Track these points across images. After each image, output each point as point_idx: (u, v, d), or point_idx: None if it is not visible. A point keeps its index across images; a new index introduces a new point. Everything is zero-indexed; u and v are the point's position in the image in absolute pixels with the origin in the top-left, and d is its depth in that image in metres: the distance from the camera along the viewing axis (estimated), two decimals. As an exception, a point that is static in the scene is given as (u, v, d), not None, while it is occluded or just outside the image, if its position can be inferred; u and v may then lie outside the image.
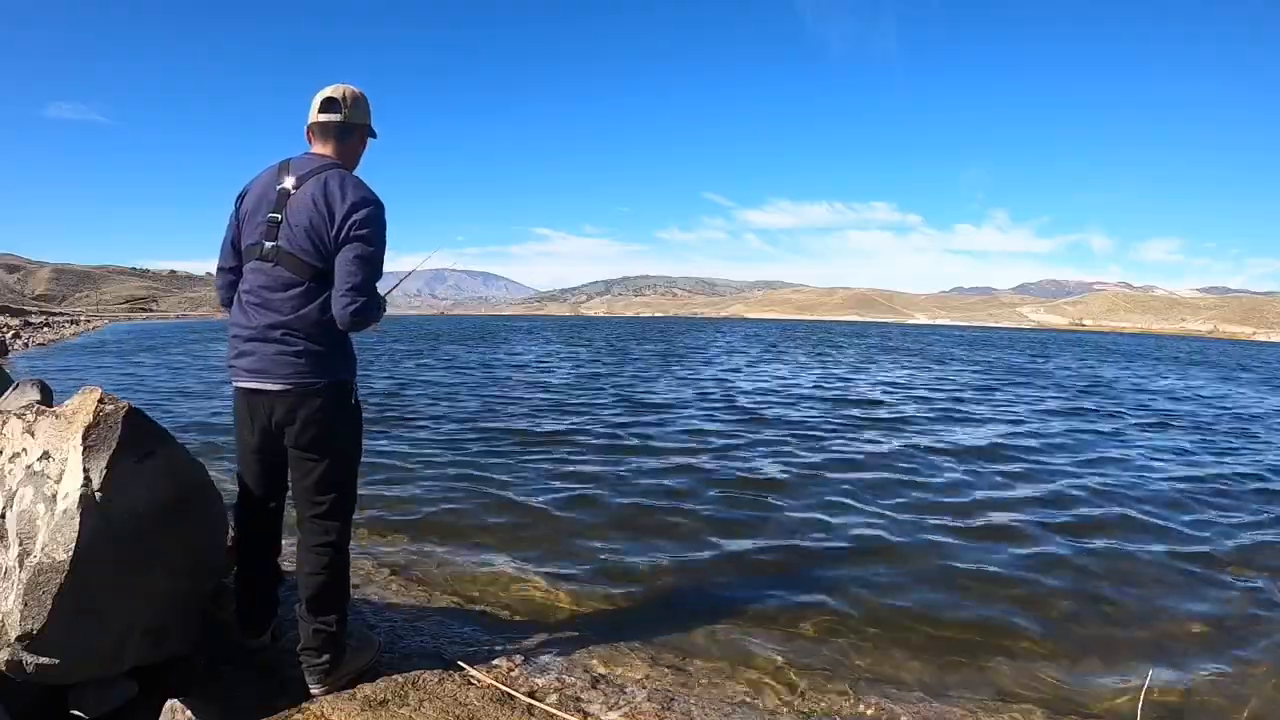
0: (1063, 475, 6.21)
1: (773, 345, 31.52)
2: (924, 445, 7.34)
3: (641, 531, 4.34)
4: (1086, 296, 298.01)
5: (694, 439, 7.46)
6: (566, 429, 7.92)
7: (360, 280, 1.99)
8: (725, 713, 2.36)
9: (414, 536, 4.13)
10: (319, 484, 2.13)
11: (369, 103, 2.20)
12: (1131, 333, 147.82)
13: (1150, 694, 2.65)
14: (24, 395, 2.95)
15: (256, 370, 2.06)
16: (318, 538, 2.16)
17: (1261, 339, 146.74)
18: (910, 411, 10.10)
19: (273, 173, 2.12)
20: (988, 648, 3.01)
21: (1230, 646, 3.11)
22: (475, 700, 2.20)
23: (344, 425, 2.15)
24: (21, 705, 1.94)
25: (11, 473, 1.96)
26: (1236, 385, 17.22)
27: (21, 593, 1.78)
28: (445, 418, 8.53)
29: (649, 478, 5.69)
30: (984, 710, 2.54)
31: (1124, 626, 3.28)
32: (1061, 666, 2.88)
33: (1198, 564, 4.06)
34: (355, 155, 2.21)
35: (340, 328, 2.04)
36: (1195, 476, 6.29)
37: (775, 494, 5.31)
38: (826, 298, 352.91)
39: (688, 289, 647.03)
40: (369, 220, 2.01)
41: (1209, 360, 30.74)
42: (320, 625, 2.14)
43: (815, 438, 7.71)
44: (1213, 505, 5.35)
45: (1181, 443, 8.14)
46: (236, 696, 2.12)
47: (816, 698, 2.56)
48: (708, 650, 2.87)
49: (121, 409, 1.96)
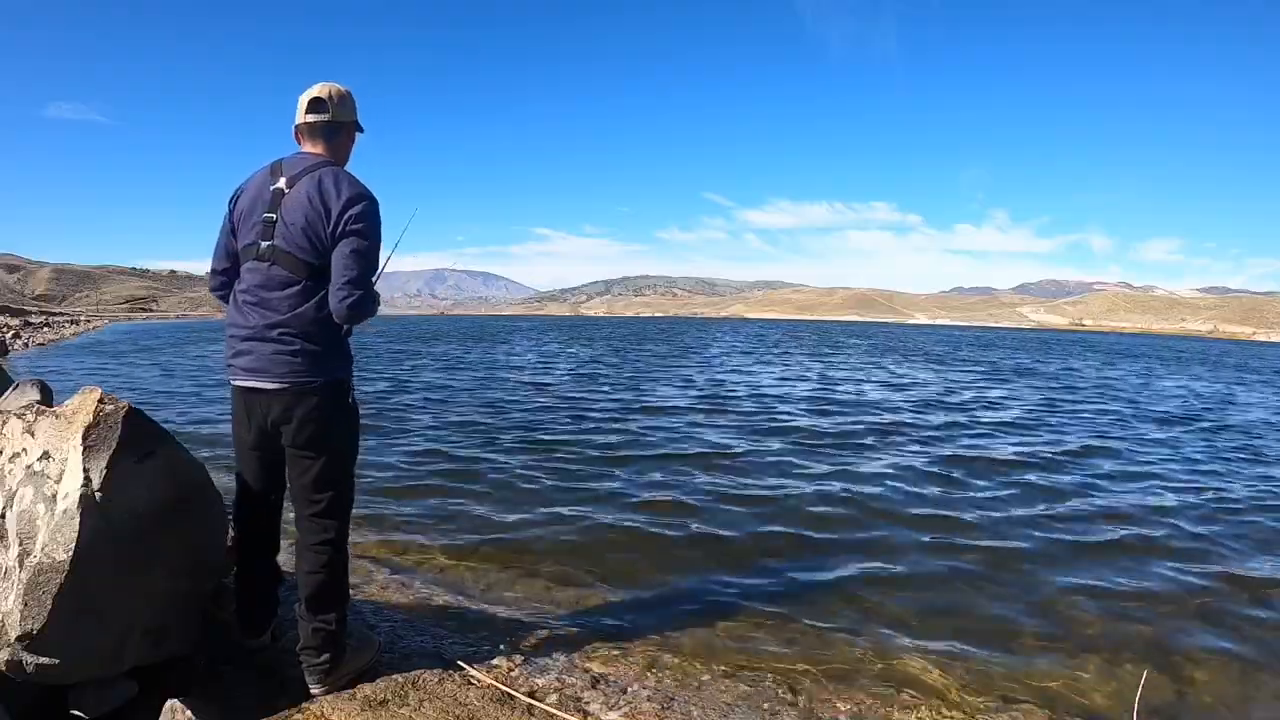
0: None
1: (775, 344, 31.40)
2: (947, 455, 7.33)
3: (642, 532, 4.34)
4: (1086, 296, 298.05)
5: (696, 440, 7.47)
6: (566, 430, 7.93)
7: (357, 274, 2.01)
8: (725, 713, 2.36)
9: (414, 537, 4.13)
10: (316, 482, 2.15)
11: (354, 99, 2.23)
12: (1132, 333, 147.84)
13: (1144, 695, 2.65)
14: (24, 395, 2.94)
15: (254, 369, 2.07)
16: (316, 536, 2.17)
17: (1261, 339, 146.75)
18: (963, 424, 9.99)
19: (265, 174, 2.13)
20: (990, 649, 3.01)
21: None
22: (475, 700, 2.20)
23: (340, 424, 2.16)
24: (21, 705, 1.94)
25: (11, 473, 1.96)
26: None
27: (21, 593, 1.78)
28: (444, 419, 8.54)
29: (650, 479, 5.69)
30: (985, 710, 2.54)
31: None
32: (1066, 665, 2.89)
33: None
34: (345, 152, 2.24)
35: (337, 320, 2.05)
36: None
37: (774, 494, 5.31)
38: (826, 298, 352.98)
39: (688, 289, 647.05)
40: (364, 215, 2.03)
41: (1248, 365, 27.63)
42: (320, 624, 2.15)
43: (810, 441, 7.70)
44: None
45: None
46: (236, 696, 2.12)
47: (816, 698, 2.56)
48: (708, 650, 2.87)
49: (121, 409, 1.96)
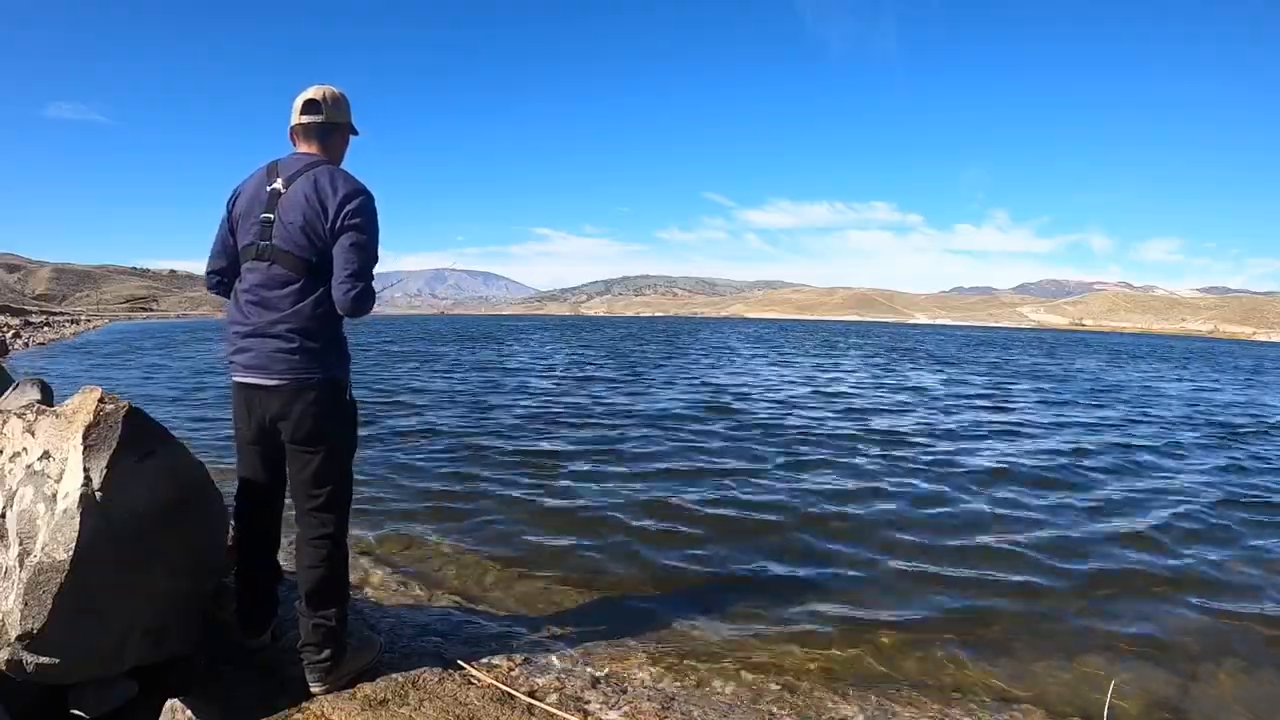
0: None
1: (776, 347, 31.31)
2: (980, 466, 7.32)
3: (642, 533, 4.34)
4: (1086, 296, 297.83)
5: (697, 442, 7.47)
6: (567, 431, 7.93)
7: (358, 267, 2.07)
8: (725, 713, 2.36)
9: (414, 537, 4.13)
10: (315, 477, 2.17)
11: (349, 101, 2.26)
12: (1132, 333, 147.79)
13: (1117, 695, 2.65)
14: (24, 395, 2.95)
15: (254, 366, 2.10)
16: (315, 530, 2.19)
17: (1262, 339, 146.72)
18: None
19: (262, 175, 2.17)
20: (992, 648, 3.01)
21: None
22: (475, 700, 2.20)
23: (338, 419, 2.19)
24: (21, 705, 1.94)
25: (12, 472, 1.96)
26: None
27: (21, 592, 1.78)
28: (443, 420, 8.54)
29: (651, 480, 5.69)
30: (985, 710, 2.54)
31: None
32: (1067, 667, 2.89)
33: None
34: (339, 152, 2.28)
35: (341, 313, 2.10)
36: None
37: (775, 496, 5.31)
38: (826, 298, 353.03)
39: (688, 289, 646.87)
40: (361, 210, 2.08)
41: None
42: (320, 620, 2.15)
43: (812, 442, 7.70)
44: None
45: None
46: (236, 696, 2.12)
47: (816, 697, 2.56)
48: (708, 650, 2.87)
49: (122, 408, 1.96)
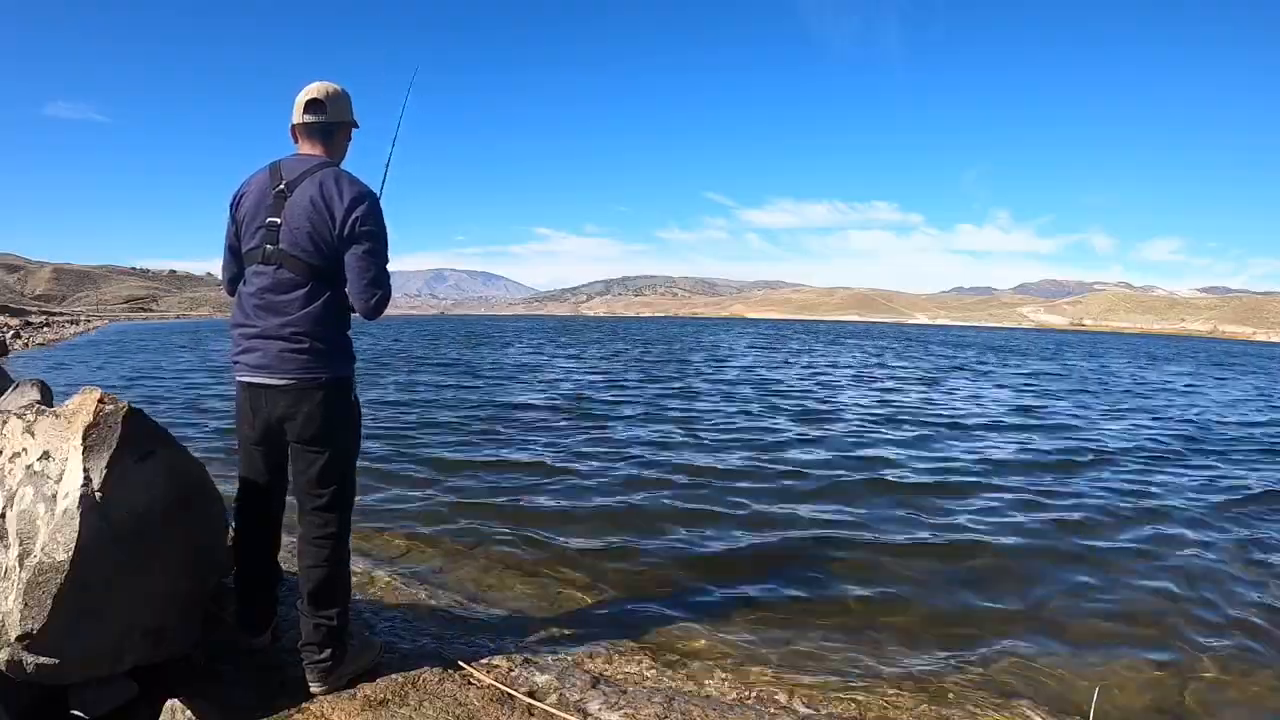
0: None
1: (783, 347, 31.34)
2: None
3: (642, 534, 4.34)
4: (1085, 297, 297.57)
5: (699, 444, 7.47)
6: (567, 432, 7.93)
7: (375, 273, 2.12)
8: (725, 713, 2.36)
9: (413, 537, 4.13)
10: (320, 477, 2.17)
11: (350, 97, 2.27)
12: (1131, 333, 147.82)
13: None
14: (24, 395, 2.95)
15: (261, 365, 2.10)
16: (318, 530, 2.19)
17: (1261, 339, 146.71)
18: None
19: (265, 176, 2.15)
20: (993, 649, 3.01)
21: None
22: (475, 700, 2.20)
23: (343, 420, 2.20)
24: (21, 705, 1.94)
25: (11, 473, 1.96)
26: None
27: (21, 593, 1.78)
28: (445, 420, 8.54)
29: (651, 482, 5.69)
30: (984, 709, 2.54)
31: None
32: (1068, 667, 2.89)
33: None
34: (342, 151, 2.29)
35: (364, 319, 2.18)
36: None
37: (774, 497, 5.31)
38: (827, 297, 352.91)
39: (688, 289, 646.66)
40: (368, 214, 2.10)
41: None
42: (321, 619, 2.15)
43: (807, 445, 7.70)
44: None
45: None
46: (236, 696, 2.12)
47: (816, 697, 2.56)
48: (708, 650, 2.87)
49: (121, 409, 1.96)
